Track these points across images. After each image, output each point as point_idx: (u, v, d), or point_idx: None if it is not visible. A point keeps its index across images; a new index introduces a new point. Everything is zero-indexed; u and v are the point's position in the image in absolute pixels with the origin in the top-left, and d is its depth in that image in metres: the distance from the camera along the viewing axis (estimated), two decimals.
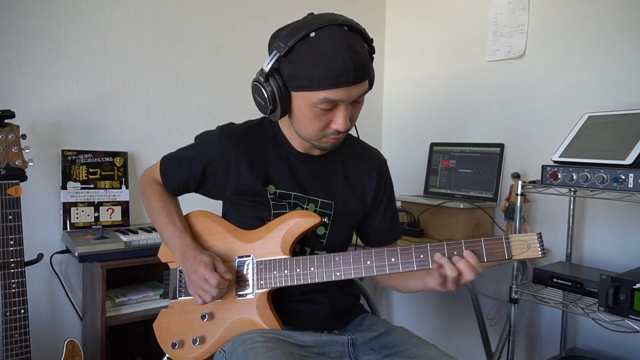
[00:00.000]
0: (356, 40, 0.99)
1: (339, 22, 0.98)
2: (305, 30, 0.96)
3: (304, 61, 0.97)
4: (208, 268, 1.01)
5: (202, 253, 1.06)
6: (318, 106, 0.99)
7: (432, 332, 2.45)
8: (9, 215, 1.37)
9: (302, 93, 1.00)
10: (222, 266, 1.04)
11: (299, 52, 0.97)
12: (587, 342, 1.87)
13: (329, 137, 1.06)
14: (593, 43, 1.84)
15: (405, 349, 1.06)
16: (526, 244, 0.92)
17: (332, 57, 0.95)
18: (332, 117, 1.02)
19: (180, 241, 1.09)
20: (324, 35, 0.96)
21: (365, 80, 1.01)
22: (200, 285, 1.02)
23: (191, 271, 1.04)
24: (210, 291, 1.01)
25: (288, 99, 1.03)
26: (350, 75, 0.96)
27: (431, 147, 2.33)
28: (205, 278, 1.01)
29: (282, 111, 1.04)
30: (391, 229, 1.26)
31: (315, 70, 0.96)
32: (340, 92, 0.97)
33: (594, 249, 1.85)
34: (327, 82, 0.96)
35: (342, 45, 0.95)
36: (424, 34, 2.49)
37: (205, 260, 1.02)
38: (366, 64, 1.00)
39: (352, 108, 1.04)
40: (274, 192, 1.12)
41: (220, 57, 2.14)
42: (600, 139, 1.55)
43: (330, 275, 1.03)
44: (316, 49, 0.95)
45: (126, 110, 1.91)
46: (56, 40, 1.74)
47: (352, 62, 0.95)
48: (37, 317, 1.72)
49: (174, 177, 1.19)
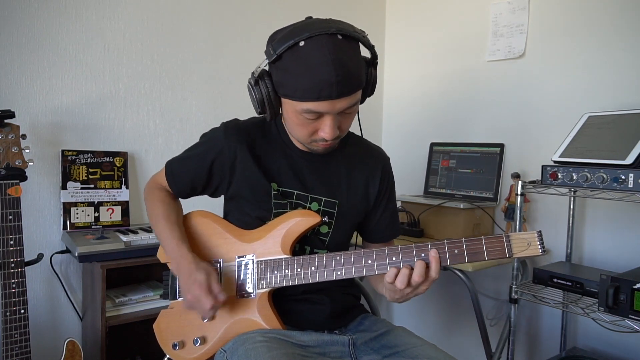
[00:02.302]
0: (348, 51, 0.97)
1: (332, 31, 0.95)
2: (295, 39, 0.95)
3: (289, 70, 0.97)
4: (203, 290, 0.98)
5: (197, 269, 1.02)
6: (303, 115, 0.99)
7: (432, 332, 2.45)
8: (9, 215, 1.37)
9: (288, 100, 1.00)
10: (216, 285, 1.01)
11: (286, 60, 0.97)
12: (587, 342, 1.87)
13: (318, 143, 1.06)
14: (593, 43, 1.84)
15: (405, 349, 1.06)
16: (526, 242, 0.93)
17: (316, 69, 0.93)
18: (319, 126, 1.02)
19: (176, 250, 1.07)
20: (311, 46, 0.94)
21: (351, 95, 0.98)
22: (195, 306, 1.01)
23: (186, 290, 1.01)
24: (206, 313, 1.01)
25: (277, 103, 1.04)
26: (333, 90, 0.94)
27: (431, 147, 2.33)
28: (200, 300, 0.99)
29: (272, 114, 1.05)
30: (390, 226, 1.26)
31: (299, 82, 0.95)
32: (324, 105, 0.97)
33: (594, 249, 1.85)
34: (309, 94, 0.95)
35: (328, 58, 0.93)
36: (424, 33, 2.49)
37: (200, 280, 0.99)
38: (354, 77, 0.97)
39: (341, 117, 1.03)
40: (277, 189, 1.12)
41: (220, 57, 2.14)
42: (600, 139, 1.55)
43: (331, 274, 1.03)
44: (302, 60, 0.95)
45: (126, 110, 1.91)
46: (56, 41, 1.74)
47: (336, 76, 0.93)
48: (37, 317, 1.72)
49: (181, 178, 1.18)
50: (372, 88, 1.10)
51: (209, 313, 1.01)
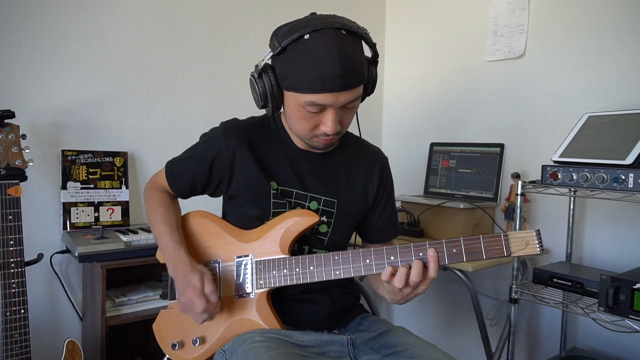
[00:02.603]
0: (352, 46, 0.98)
1: (336, 26, 0.97)
2: (300, 32, 0.96)
3: (294, 63, 0.97)
4: (196, 292, 0.99)
5: (192, 271, 1.02)
6: (306, 108, 1.00)
7: (432, 332, 2.45)
8: (9, 215, 1.37)
9: (292, 93, 1.01)
10: (210, 286, 1.00)
11: (291, 53, 0.97)
12: (587, 342, 1.87)
13: (319, 138, 1.06)
14: (593, 43, 1.84)
15: (404, 348, 1.06)
16: (525, 240, 0.92)
17: (321, 61, 0.94)
18: (321, 120, 1.02)
19: (173, 253, 1.07)
20: (317, 39, 0.95)
21: (355, 88, 0.99)
22: (189, 308, 1.01)
23: (181, 293, 1.02)
24: (198, 317, 1.01)
25: (280, 96, 1.04)
26: (337, 82, 0.95)
27: (431, 147, 2.33)
28: (193, 302, 1.00)
29: (274, 108, 1.06)
30: (389, 226, 1.26)
31: (304, 73, 0.96)
32: (327, 97, 0.97)
33: (594, 249, 1.85)
34: (313, 86, 0.96)
35: (333, 50, 0.94)
36: (424, 33, 2.49)
37: (194, 283, 0.99)
38: (357, 71, 0.98)
39: (343, 112, 1.04)
40: (277, 188, 1.12)
41: (220, 57, 2.14)
42: (600, 139, 1.55)
43: (329, 274, 1.03)
44: (307, 52, 0.95)
45: (126, 110, 1.91)
46: (56, 41, 1.75)
47: (341, 69, 0.94)
48: (37, 317, 1.72)
49: (181, 178, 1.18)
50: (373, 86, 1.10)
51: (200, 317, 1.00)
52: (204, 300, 0.99)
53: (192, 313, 1.02)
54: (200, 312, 0.99)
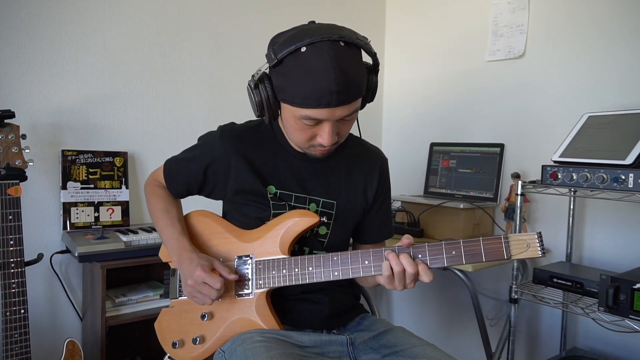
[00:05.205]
0: (350, 59, 0.96)
1: (334, 38, 0.94)
2: (296, 44, 0.94)
3: (290, 76, 0.96)
4: (206, 271, 1.00)
5: (199, 256, 1.05)
6: (302, 120, 0.99)
7: (432, 332, 2.45)
8: (9, 215, 1.37)
9: (288, 106, 1.00)
10: (223, 267, 1.04)
11: (287, 66, 0.96)
12: (587, 342, 1.87)
13: (316, 148, 1.06)
14: (593, 43, 1.84)
15: (404, 348, 1.06)
16: (525, 243, 0.92)
17: (317, 77, 0.93)
18: (318, 132, 1.02)
19: (177, 243, 1.09)
20: (313, 52, 0.93)
21: (351, 103, 0.98)
22: (199, 290, 1.01)
23: (188, 275, 1.03)
24: (210, 294, 1.01)
25: (277, 106, 1.04)
26: (333, 98, 0.94)
27: (431, 147, 2.33)
28: (205, 282, 1.00)
29: (270, 117, 1.05)
30: (382, 227, 1.26)
31: (299, 88, 0.95)
32: (323, 112, 0.96)
33: (594, 249, 1.85)
34: (309, 101, 0.95)
35: (329, 66, 0.92)
36: (424, 34, 2.49)
37: (202, 264, 1.02)
38: (354, 86, 0.96)
39: (341, 124, 1.03)
40: (274, 192, 1.12)
41: (220, 57, 2.14)
42: (600, 139, 1.55)
43: (328, 275, 1.03)
44: (303, 66, 0.94)
45: (126, 110, 1.91)
46: (56, 41, 1.75)
47: (337, 85, 0.93)
48: (37, 317, 1.72)
49: (177, 179, 1.19)
50: (373, 95, 1.09)
51: (214, 294, 1.00)
52: (217, 276, 1.00)
53: (199, 295, 1.02)
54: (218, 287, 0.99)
